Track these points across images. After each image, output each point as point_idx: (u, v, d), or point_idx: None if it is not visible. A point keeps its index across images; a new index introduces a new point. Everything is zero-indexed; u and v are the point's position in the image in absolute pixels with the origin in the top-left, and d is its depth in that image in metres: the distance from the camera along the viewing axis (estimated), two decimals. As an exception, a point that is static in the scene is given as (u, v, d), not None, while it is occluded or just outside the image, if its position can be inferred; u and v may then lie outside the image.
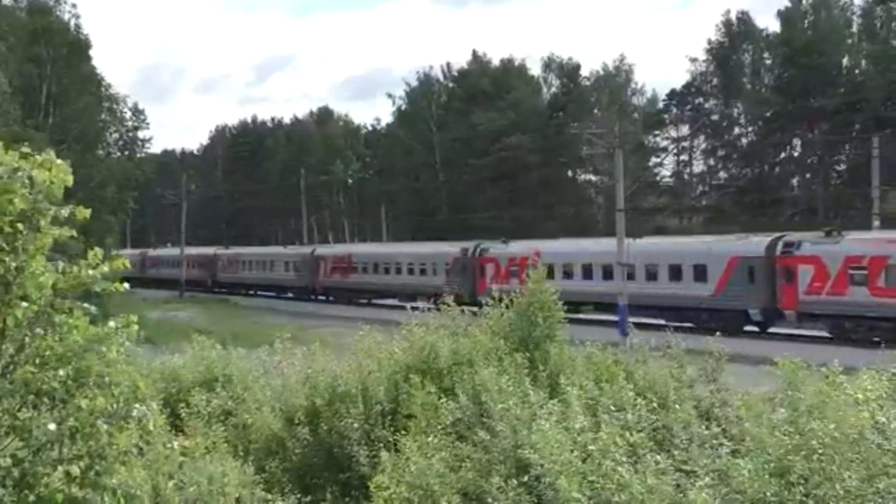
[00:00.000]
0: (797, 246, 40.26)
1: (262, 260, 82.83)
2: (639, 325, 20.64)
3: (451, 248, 60.48)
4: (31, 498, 6.41)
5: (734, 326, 39.03)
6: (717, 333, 15.90)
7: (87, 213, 6.77)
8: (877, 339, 34.05)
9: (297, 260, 76.30)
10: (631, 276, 44.22)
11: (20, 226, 6.42)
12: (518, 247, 54.65)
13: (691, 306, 42.57)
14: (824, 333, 39.12)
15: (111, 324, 6.82)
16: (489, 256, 55.78)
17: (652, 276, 45.39)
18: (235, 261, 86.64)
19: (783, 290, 40.20)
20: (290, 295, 75.98)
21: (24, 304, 6.53)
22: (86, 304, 6.82)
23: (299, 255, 76.99)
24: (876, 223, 53.33)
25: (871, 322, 36.69)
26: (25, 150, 6.52)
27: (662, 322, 33.76)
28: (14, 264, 6.46)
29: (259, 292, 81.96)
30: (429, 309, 17.02)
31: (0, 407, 6.48)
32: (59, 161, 6.61)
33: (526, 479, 10.07)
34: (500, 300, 16.30)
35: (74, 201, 7.09)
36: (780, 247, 40.93)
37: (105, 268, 6.79)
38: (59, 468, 6.46)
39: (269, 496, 11.86)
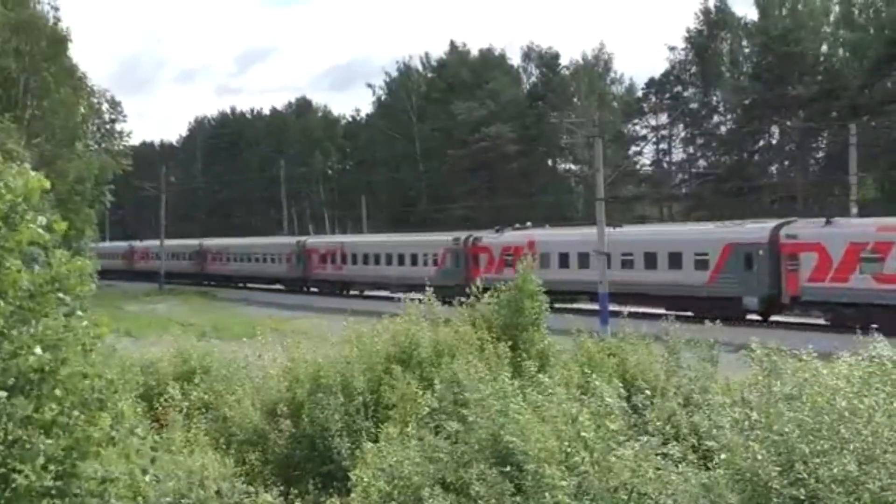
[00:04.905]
0: (799, 233, 39.41)
1: (252, 252, 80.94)
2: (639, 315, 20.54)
3: (443, 238, 59.05)
4: (8, 493, 6.37)
5: (733, 315, 38.17)
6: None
7: (64, 226, 7.21)
8: (875, 326, 33.36)
9: (288, 251, 74.57)
10: (629, 265, 43.89)
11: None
12: (512, 236, 53.49)
13: (689, 294, 41.67)
14: (821, 321, 38.57)
15: (84, 323, 6.89)
16: (482, 246, 54.56)
17: (651, 263, 44.53)
18: (224, 252, 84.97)
19: (787, 278, 39.33)
20: (282, 287, 74.66)
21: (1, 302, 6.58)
22: (61, 295, 6.87)
23: (290, 246, 75.33)
24: (854, 210, 53.67)
25: (872, 309, 35.28)
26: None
27: (662, 311, 33.40)
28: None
29: (248, 284, 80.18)
30: (415, 300, 17.02)
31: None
32: (32, 171, 6.95)
33: (508, 468, 10.05)
34: (484, 290, 16.49)
35: (53, 195, 7.25)
36: (783, 233, 40.01)
37: (88, 263, 6.96)
38: (37, 461, 6.43)
39: (251, 489, 11.79)
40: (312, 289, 71.34)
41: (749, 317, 40.90)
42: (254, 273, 79.68)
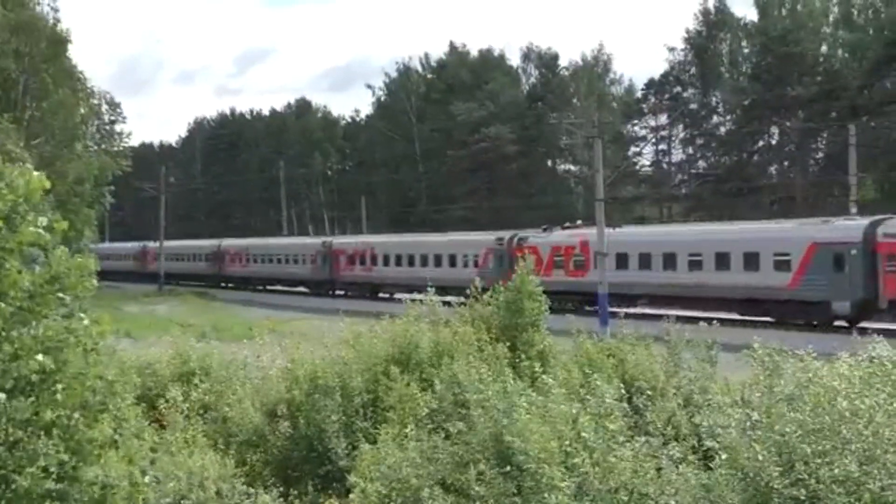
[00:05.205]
0: None
1: (274, 253, 78.12)
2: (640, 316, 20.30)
3: (485, 238, 56.17)
4: (9, 494, 6.36)
5: (820, 320, 36.67)
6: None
7: (64, 225, 7.24)
8: None
9: (314, 252, 71.48)
10: (697, 266, 41.46)
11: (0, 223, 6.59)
12: (562, 235, 50.64)
13: (767, 298, 38.92)
14: None
15: (85, 322, 6.84)
16: (529, 246, 49.96)
17: (723, 264, 41.05)
18: (244, 253, 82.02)
19: (885, 280, 36.24)
20: (307, 290, 71.71)
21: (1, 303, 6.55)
22: (60, 295, 6.84)
23: (315, 247, 72.24)
24: (853, 210, 53.69)
25: None
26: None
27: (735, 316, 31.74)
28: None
29: (269, 287, 77.21)
30: (418, 301, 17.01)
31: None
32: (34, 171, 6.96)
33: (508, 468, 10.04)
34: (485, 290, 16.57)
35: (52, 195, 7.21)
36: (880, 231, 36.91)
37: (90, 261, 6.94)
38: (37, 463, 6.42)
39: (250, 489, 11.79)
40: (339, 291, 68.35)
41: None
42: (276, 275, 76.62)
